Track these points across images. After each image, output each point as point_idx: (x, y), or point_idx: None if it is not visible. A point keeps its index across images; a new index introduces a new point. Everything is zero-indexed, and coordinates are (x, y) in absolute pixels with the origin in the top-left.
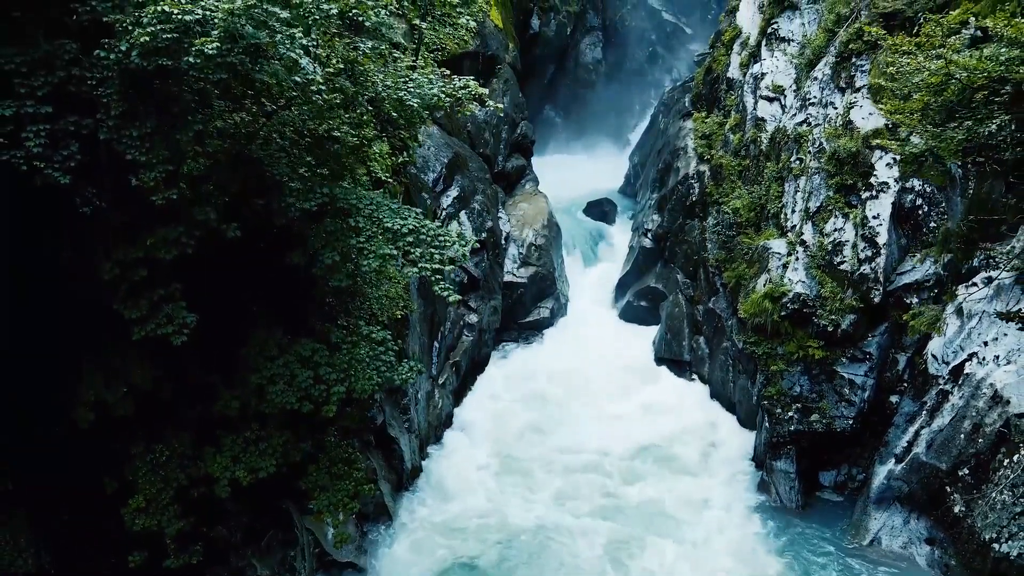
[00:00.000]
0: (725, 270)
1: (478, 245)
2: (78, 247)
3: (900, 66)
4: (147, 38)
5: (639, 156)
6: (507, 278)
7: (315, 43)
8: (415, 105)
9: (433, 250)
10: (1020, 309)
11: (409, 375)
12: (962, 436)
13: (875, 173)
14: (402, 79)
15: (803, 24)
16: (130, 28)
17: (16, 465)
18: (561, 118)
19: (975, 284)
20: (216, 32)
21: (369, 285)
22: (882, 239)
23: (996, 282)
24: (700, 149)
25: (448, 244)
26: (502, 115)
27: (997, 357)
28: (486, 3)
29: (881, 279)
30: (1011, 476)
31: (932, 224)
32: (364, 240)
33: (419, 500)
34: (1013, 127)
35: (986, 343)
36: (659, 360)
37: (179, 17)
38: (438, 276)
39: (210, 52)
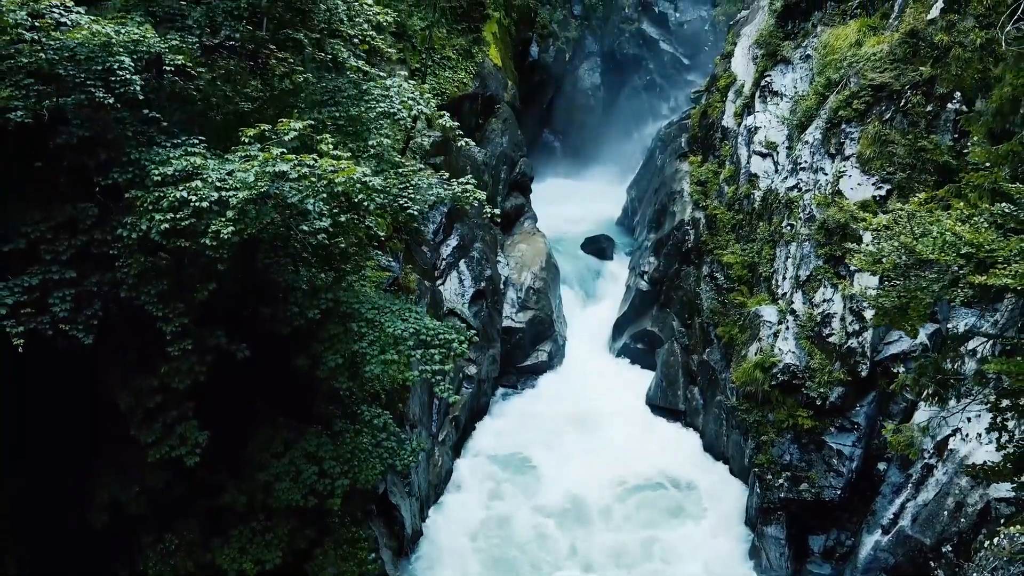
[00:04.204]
0: (719, 324)
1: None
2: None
3: (876, 235)
4: (167, 225)
5: (636, 190)
6: (505, 323)
7: (322, 201)
8: (415, 213)
9: (433, 350)
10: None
11: (411, 458)
12: (945, 513)
13: (864, 244)
14: (402, 186)
15: (795, 80)
16: (149, 208)
17: (32, 565)
18: (560, 143)
19: (961, 357)
20: (231, 212)
21: None
22: (869, 313)
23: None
24: (696, 196)
25: (448, 341)
26: (500, 155)
27: (980, 435)
28: (485, 44)
29: (868, 353)
30: (992, 560)
31: None
32: (366, 345)
33: None
34: (976, 298)
35: (969, 419)
36: (654, 408)
37: (196, 204)
38: (439, 378)
39: (225, 236)
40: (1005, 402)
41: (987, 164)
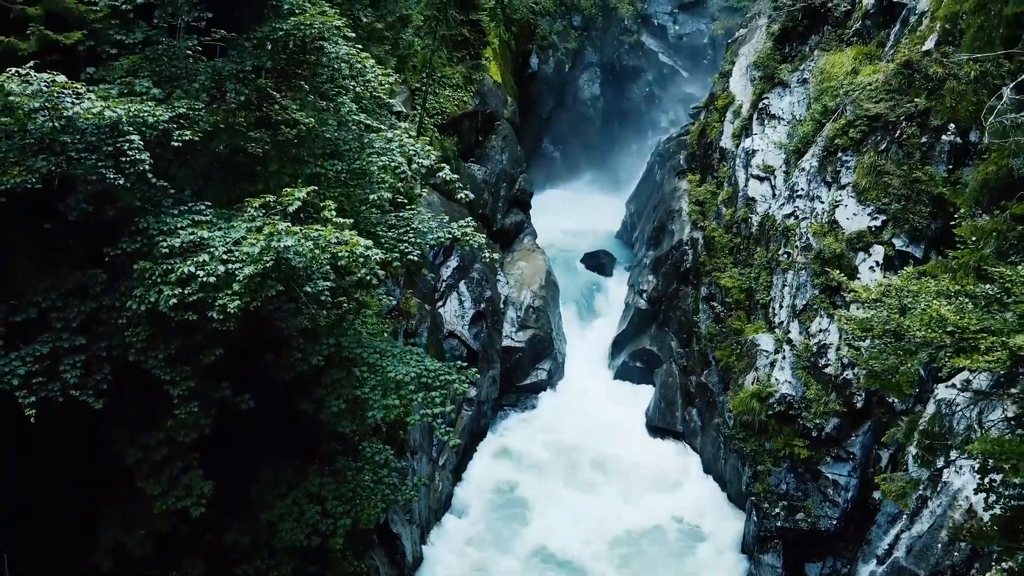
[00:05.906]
0: (717, 348)
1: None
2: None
3: (864, 302)
4: (174, 300)
5: (635, 205)
6: (505, 342)
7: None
8: (416, 259)
9: (434, 393)
10: None
11: (412, 493)
12: (939, 546)
13: (859, 276)
14: (402, 230)
15: (793, 104)
16: (158, 280)
17: None
18: (560, 152)
19: (955, 386)
20: (237, 286)
21: None
22: (865, 344)
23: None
24: (694, 215)
25: (449, 382)
26: (500, 172)
27: (973, 468)
28: (485, 60)
29: (864, 384)
30: None
31: None
32: (368, 391)
33: None
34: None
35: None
36: (653, 429)
37: (203, 278)
38: (439, 421)
39: (231, 310)
40: (991, 462)
41: (973, 239)
